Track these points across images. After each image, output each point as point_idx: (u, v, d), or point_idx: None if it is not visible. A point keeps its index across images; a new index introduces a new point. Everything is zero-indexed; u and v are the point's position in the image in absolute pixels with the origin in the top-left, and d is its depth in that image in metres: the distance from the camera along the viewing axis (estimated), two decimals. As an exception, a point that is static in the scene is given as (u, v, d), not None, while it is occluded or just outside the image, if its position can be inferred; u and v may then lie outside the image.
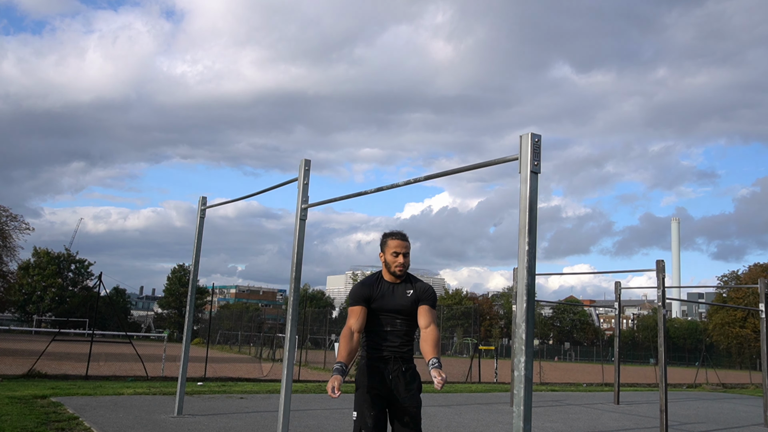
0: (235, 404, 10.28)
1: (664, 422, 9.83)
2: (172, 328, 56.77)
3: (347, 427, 8.59)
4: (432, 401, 12.94)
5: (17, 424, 7.07)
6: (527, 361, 3.47)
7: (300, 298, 6.62)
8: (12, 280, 41.47)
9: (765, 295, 12.16)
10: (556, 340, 79.71)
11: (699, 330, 75.51)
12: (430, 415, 10.48)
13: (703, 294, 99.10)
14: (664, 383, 10.17)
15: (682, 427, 11.12)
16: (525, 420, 3.43)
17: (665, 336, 10.46)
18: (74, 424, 7.39)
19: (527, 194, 3.64)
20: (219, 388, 12.74)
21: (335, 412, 10.16)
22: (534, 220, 3.63)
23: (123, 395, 10.50)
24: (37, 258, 60.20)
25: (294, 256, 6.37)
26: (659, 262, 10.85)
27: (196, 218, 9.38)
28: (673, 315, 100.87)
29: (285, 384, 6.17)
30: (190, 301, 9.28)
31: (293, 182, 6.83)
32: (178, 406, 8.59)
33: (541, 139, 3.72)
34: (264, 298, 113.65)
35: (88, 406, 8.85)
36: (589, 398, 16.17)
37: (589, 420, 11.36)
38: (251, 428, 8.00)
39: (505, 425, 9.81)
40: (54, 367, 16.31)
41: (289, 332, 6.29)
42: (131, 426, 7.54)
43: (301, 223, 6.46)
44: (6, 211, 36.27)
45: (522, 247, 3.61)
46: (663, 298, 10.46)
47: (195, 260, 9.39)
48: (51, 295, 59.53)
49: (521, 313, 3.56)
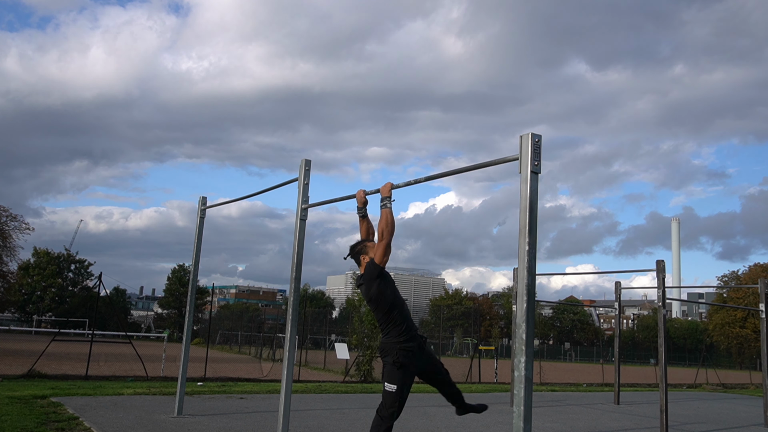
0: (235, 404, 10.28)
1: (665, 422, 9.83)
2: (172, 328, 56.73)
3: (347, 427, 8.59)
4: (431, 401, 12.94)
5: (17, 424, 7.07)
6: (527, 361, 3.47)
7: (300, 298, 6.62)
8: (12, 280, 41.47)
9: (765, 295, 12.16)
10: (557, 341, 79.70)
11: (699, 330, 75.43)
12: (430, 415, 10.48)
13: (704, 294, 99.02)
14: (665, 383, 10.17)
15: (683, 427, 11.12)
16: (525, 420, 3.43)
17: (665, 336, 10.46)
18: (74, 424, 7.39)
19: (527, 194, 3.64)
20: (219, 388, 12.73)
21: (335, 412, 10.16)
22: (534, 220, 3.63)
23: (123, 395, 10.50)
24: (37, 258, 60.16)
25: (294, 256, 6.37)
26: (659, 262, 10.85)
27: (197, 218, 9.38)
28: (674, 315, 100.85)
29: (285, 384, 6.16)
30: (190, 301, 9.28)
31: (294, 182, 6.83)
32: (178, 406, 8.59)
33: (541, 140, 3.72)
34: (264, 298, 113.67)
35: (88, 406, 8.85)
36: (589, 398, 16.17)
37: (589, 420, 11.35)
38: (251, 428, 8.00)
39: (505, 425, 9.80)
40: (54, 367, 16.31)
41: (289, 332, 6.29)
42: (131, 426, 7.54)
43: (302, 223, 6.46)
44: (6, 211, 36.25)
45: (522, 247, 3.61)
46: (663, 298, 10.45)
47: (195, 260, 9.39)
48: (51, 295, 59.52)
49: (521, 313, 3.56)
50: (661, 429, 9.81)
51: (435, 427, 9.22)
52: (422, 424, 9.36)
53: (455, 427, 9.37)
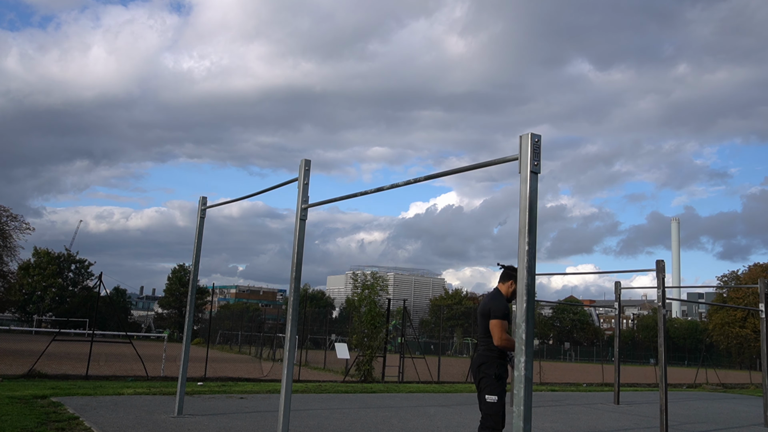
0: (236, 404, 10.28)
1: (664, 422, 9.84)
2: (172, 328, 56.75)
3: (347, 427, 8.60)
4: (431, 401, 12.95)
5: (17, 424, 7.08)
6: (527, 361, 3.48)
7: (300, 298, 6.63)
8: (12, 280, 41.43)
9: (765, 295, 12.17)
10: (557, 340, 79.67)
11: (699, 330, 75.43)
12: (429, 415, 10.49)
13: (703, 294, 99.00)
14: (664, 383, 10.17)
15: (682, 426, 11.13)
16: (525, 420, 3.43)
17: (665, 336, 10.46)
18: (74, 424, 7.40)
19: (527, 194, 3.64)
20: (219, 388, 12.74)
21: (335, 411, 10.17)
22: (534, 220, 3.64)
23: (123, 395, 10.50)
24: (38, 258, 60.19)
25: (294, 256, 6.38)
26: (659, 262, 10.86)
27: (197, 218, 9.39)
28: (673, 315, 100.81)
29: (285, 384, 6.17)
30: (190, 301, 9.29)
31: (294, 182, 6.83)
32: (178, 406, 8.59)
33: (540, 140, 3.73)
34: (264, 298, 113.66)
35: (88, 406, 8.86)
36: (589, 398, 16.17)
37: (589, 420, 11.36)
38: (251, 428, 8.00)
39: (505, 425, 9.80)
40: (54, 367, 16.32)
41: (289, 332, 6.29)
42: (131, 426, 7.55)
43: (301, 223, 6.47)
44: (6, 211, 36.24)
45: (522, 247, 3.61)
46: (663, 298, 10.46)
47: (195, 260, 9.40)
48: (51, 295, 59.55)
49: (521, 313, 3.56)
50: (660, 429, 9.82)
51: (435, 427, 9.23)
52: (423, 424, 9.37)
53: (455, 427, 9.38)
